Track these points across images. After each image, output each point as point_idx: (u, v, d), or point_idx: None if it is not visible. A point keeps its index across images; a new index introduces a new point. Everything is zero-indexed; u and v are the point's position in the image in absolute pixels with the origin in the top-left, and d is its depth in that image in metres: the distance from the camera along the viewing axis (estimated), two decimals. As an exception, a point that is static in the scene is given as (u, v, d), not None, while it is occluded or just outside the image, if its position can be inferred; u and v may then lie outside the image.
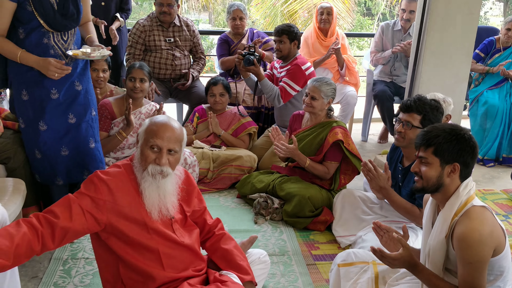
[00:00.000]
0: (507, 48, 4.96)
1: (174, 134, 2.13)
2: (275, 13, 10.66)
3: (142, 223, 2.10)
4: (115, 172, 2.13)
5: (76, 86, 2.91)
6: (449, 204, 2.10)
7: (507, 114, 4.75)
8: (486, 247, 1.98)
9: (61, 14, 2.75)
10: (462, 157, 2.06)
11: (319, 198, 3.43)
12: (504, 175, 4.43)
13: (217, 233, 2.39)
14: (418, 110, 2.85)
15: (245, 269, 2.27)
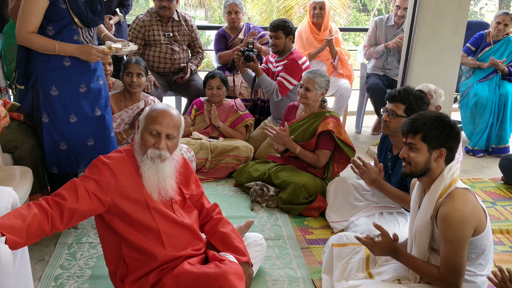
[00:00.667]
0: (497, 42, 5.08)
1: (173, 120, 2.27)
2: (271, 9, 10.78)
3: (143, 203, 2.24)
4: (117, 156, 2.28)
5: (99, 81, 3.05)
6: (434, 187, 2.24)
7: (496, 106, 4.89)
8: (467, 226, 2.11)
9: (91, 11, 2.87)
10: (448, 143, 2.21)
11: (313, 186, 3.57)
12: (493, 165, 4.58)
13: (215, 217, 2.53)
14: (402, 100, 2.97)
15: (241, 250, 2.41)
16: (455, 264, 2.14)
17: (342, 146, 3.62)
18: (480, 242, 2.20)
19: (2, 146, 3.00)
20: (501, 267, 1.99)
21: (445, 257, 2.16)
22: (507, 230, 3.46)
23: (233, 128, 4.35)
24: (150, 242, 2.26)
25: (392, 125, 3.02)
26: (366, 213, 3.24)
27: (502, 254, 3.15)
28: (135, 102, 3.78)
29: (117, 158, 2.27)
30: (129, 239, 2.25)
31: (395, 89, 3.05)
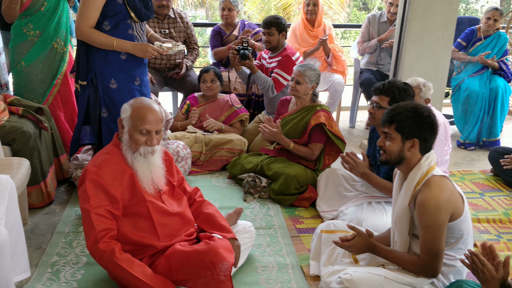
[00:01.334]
0: (487, 37, 5.16)
1: (158, 116, 2.38)
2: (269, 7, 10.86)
3: (141, 198, 2.35)
4: (106, 159, 2.35)
5: (146, 76, 3.16)
6: (411, 174, 2.32)
7: (486, 100, 4.97)
8: (442, 212, 2.19)
9: (144, 6, 2.97)
10: (420, 133, 2.28)
11: (304, 177, 3.66)
12: (483, 158, 4.65)
13: (197, 200, 2.66)
14: (386, 92, 3.05)
15: (227, 228, 2.54)
16: (433, 249, 2.22)
17: (333, 139, 3.71)
18: (458, 227, 2.28)
19: (1, 138, 3.09)
20: (472, 251, 2.07)
21: (423, 242, 2.24)
22: (493, 219, 3.54)
23: (229, 122, 4.44)
24: (145, 235, 2.37)
25: (377, 117, 3.11)
26: (355, 202, 3.33)
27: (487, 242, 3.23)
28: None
29: (108, 162, 2.34)
30: (122, 232, 2.35)
31: (381, 82, 3.13)
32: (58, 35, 3.63)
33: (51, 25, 3.57)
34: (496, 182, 4.17)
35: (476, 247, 3.15)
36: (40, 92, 3.63)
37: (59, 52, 3.67)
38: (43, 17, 3.54)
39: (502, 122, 5.10)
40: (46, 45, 3.59)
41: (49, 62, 3.62)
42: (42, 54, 3.58)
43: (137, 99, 2.44)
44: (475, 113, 5.00)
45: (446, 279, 2.35)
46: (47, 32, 3.57)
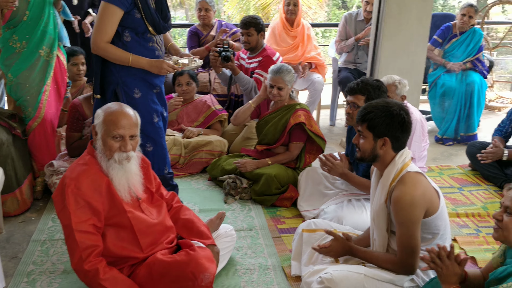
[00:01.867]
0: (463, 33, 5.21)
1: (131, 120, 2.30)
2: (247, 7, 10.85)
3: (120, 208, 2.28)
4: (83, 170, 2.26)
5: (163, 83, 3.13)
6: (386, 172, 2.33)
7: (463, 96, 5.01)
8: (417, 208, 2.21)
9: (162, 18, 2.93)
10: (390, 132, 2.28)
11: (285, 176, 3.65)
12: (461, 153, 4.69)
13: (175, 206, 2.61)
14: (361, 91, 3.06)
15: (205, 234, 2.50)
16: (409, 245, 2.23)
17: (314, 137, 3.71)
18: (434, 223, 2.29)
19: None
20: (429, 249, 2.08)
21: (399, 239, 2.26)
22: (472, 213, 3.57)
23: (208, 123, 4.41)
24: (127, 246, 2.31)
25: (355, 117, 3.10)
26: (335, 200, 3.33)
27: (466, 237, 3.26)
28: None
29: (86, 172, 2.26)
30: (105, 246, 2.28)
31: (353, 82, 3.13)
32: (44, 42, 3.46)
33: (36, 33, 3.41)
34: (475, 176, 4.21)
35: (455, 241, 3.18)
36: (31, 101, 3.47)
37: (45, 60, 3.49)
38: (28, 27, 3.38)
39: (479, 117, 5.15)
40: (32, 55, 3.42)
41: (35, 70, 3.45)
42: (28, 64, 3.42)
43: (110, 104, 2.37)
44: (452, 108, 5.04)
45: (426, 275, 2.36)
46: (33, 42, 3.41)
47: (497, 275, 1.94)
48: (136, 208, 2.37)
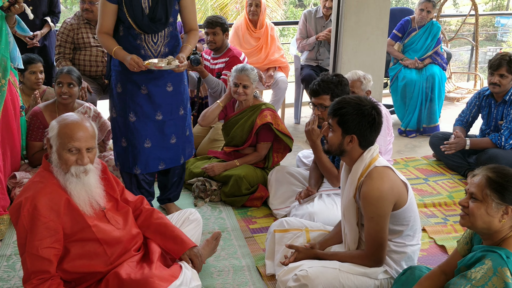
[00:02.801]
0: (421, 27, 5.32)
1: (88, 132, 2.19)
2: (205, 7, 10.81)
3: (84, 224, 2.19)
4: (40, 188, 2.15)
5: (167, 87, 3.07)
6: (355, 167, 2.35)
7: (423, 88, 5.13)
8: (385, 202, 2.24)
9: (150, 18, 2.90)
10: (359, 130, 2.30)
11: (254, 176, 3.64)
12: (425, 144, 4.79)
13: (145, 209, 2.52)
14: (324, 91, 3.08)
15: (180, 238, 2.45)
16: (378, 239, 2.27)
17: (281, 136, 3.71)
18: (403, 215, 2.33)
19: None
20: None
21: (368, 233, 2.29)
22: (439, 203, 3.65)
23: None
24: (94, 262, 2.24)
25: (325, 117, 3.13)
26: (305, 198, 3.34)
27: (435, 226, 3.33)
28: (70, 111, 3.59)
29: (41, 191, 2.14)
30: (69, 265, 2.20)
31: (313, 83, 3.13)
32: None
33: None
34: (439, 166, 4.31)
35: (424, 231, 3.24)
36: None
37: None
38: None
39: (440, 108, 5.27)
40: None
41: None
42: None
43: (65, 115, 2.25)
44: (414, 101, 5.14)
45: (399, 266, 2.39)
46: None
47: (466, 262, 1.97)
48: (102, 219, 2.28)
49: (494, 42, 18.34)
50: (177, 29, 3.14)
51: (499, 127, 3.98)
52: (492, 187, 1.88)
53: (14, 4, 2.92)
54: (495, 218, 1.88)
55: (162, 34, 3.02)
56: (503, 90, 3.91)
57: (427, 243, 3.13)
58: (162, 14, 2.94)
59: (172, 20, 3.03)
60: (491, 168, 1.92)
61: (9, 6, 2.94)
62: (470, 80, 7.50)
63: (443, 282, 2.09)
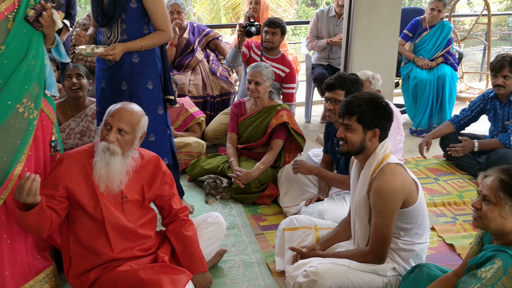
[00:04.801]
0: (432, 27, 5.32)
1: (127, 115, 2.33)
2: (218, 8, 10.86)
3: (93, 195, 2.32)
4: (77, 151, 2.41)
5: (122, 86, 3.07)
6: (368, 163, 2.38)
7: (434, 87, 5.13)
8: (396, 198, 2.27)
9: (101, 11, 2.98)
10: (381, 123, 2.35)
11: (264, 174, 3.69)
12: (435, 144, 4.76)
13: (182, 218, 2.59)
14: (340, 86, 3.11)
15: (197, 256, 2.50)
16: (383, 235, 2.30)
17: (295, 136, 3.76)
18: (412, 213, 2.36)
19: None
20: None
21: (375, 228, 2.32)
22: (448, 202, 3.67)
23: (185, 126, 4.42)
24: (96, 238, 2.33)
25: (337, 112, 3.16)
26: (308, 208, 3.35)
27: (444, 225, 3.35)
28: (81, 109, 3.65)
29: (75, 153, 2.38)
30: (76, 232, 2.33)
31: (330, 77, 3.17)
32: (25, 93, 2.32)
33: (15, 78, 2.28)
34: (449, 166, 4.32)
35: (434, 230, 3.26)
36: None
37: (25, 119, 2.33)
38: (3, 68, 2.26)
39: (451, 108, 5.27)
40: (6, 109, 2.27)
41: (8, 134, 2.29)
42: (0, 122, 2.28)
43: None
44: (424, 100, 5.15)
45: (407, 264, 2.42)
46: (8, 90, 2.26)
47: (476, 260, 1.98)
48: (117, 205, 2.38)
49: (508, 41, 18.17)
50: (145, 30, 3.05)
51: (506, 128, 3.98)
52: (505, 190, 1.88)
53: (41, 13, 2.31)
54: (508, 220, 1.89)
55: (116, 30, 3.01)
56: (508, 91, 3.92)
57: (436, 242, 3.15)
58: (110, 9, 2.95)
59: (125, 17, 2.97)
60: (504, 170, 1.92)
61: (36, 17, 2.30)
62: (482, 80, 7.48)
63: (454, 284, 2.09)
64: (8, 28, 2.25)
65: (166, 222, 2.62)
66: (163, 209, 2.61)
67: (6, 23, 2.26)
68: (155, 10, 3.00)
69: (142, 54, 3.05)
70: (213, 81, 4.90)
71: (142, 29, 3.04)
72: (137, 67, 3.05)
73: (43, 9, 2.30)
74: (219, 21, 10.81)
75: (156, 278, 2.21)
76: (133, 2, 2.96)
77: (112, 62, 3.01)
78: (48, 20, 2.34)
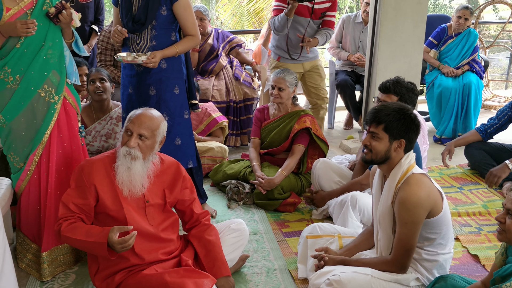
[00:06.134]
0: (458, 34, 5.28)
1: (147, 121, 2.39)
2: (241, 12, 10.90)
3: (117, 202, 2.38)
4: (98, 159, 2.46)
5: (150, 91, 3.15)
6: (393, 173, 2.38)
7: (460, 96, 5.09)
8: (421, 209, 2.26)
9: (132, 18, 3.05)
10: (408, 134, 2.34)
11: (287, 181, 3.70)
12: (460, 152, 4.73)
13: (203, 223, 2.62)
14: (395, 91, 3.11)
15: (220, 260, 2.52)
16: (407, 245, 2.29)
17: (318, 142, 3.77)
18: (437, 223, 2.35)
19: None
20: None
21: (399, 239, 2.31)
22: (473, 212, 3.63)
23: (208, 131, 4.45)
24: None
25: None
26: (340, 197, 3.36)
27: (468, 235, 3.32)
28: (106, 112, 3.73)
29: (98, 161, 2.43)
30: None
31: (388, 80, 3.16)
32: (45, 79, 2.68)
33: (35, 66, 2.64)
34: (474, 175, 4.27)
35: (458, 240, 3.23)
36: (23, 153, 2.73)
37: (46, 102, 2.70)
38: (23, 56, 2.62)
39: (477, 116, 5.22)
40: (28, 94, 2.66)
41: (33, 116, 2.70)
42: (24, 106, 2.67)
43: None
44: (449, 108, 5.11)
45: (430, 274, 2.41)
46: (29, 76, 2.64)
47: (501, 273, 1.97)
48: (139, 209, 2.42)
49: (535, 48, 17.85)
50: (172, 36, 3.14)
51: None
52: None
53: (61, 11, 2.62)
54: None
55: (145, 36, 3.08)
56: None
57: (460, 252, 3.12)
58: (141, 16, 3.02)
59: (155, 24, 3.05)
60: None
61: (56, 14, 2.62)
62: (508, 88, 7.37)
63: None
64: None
65: (188, 227, 2.65)
66: (184, 214, 2.63)
67: (25, 17, 2.60)
68: (185, 17, 3.09)
69: (169, 60, 3.12)
70: (236, 87, 4.93)
71: (170, 36, 3.12)
72: (165, 73, 3.13)
73: (63, 7, 2.63)
74: (242, 26, 10.85)
75: (181, 281, 2.24)
76: (163, 9, 3.03)
77: (141, 67, 3.10)
78: (67, 18, 2.65)
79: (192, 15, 3.13)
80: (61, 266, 2.86)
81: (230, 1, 11.28)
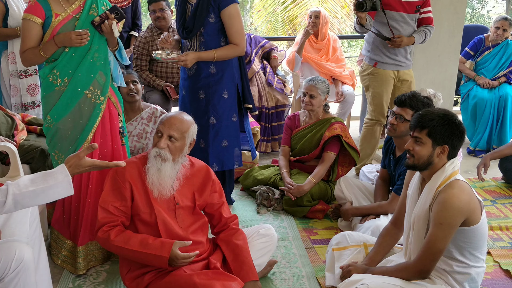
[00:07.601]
0: (496, 45, 5.20)
1: (177, 123, 2.45)
2: (275, 19, 10.95)
3: (149, 203, 2.43)
4: (131, 161, 2.51)
5: (200, 95, 3.31)
6: (435, 177, 2.36)
7: (495, 107, 5.00)
8: (460, 213, 2.24)
9: (182, 24, 3.21)
10: (451, 140, 2.32)
11: (317, 189, 3.70)
12: (494, 165, 4.64)
13: (232, 227, 2.65)
14: (411, 105, 3.09)
15: (248, 264, 2.53)
16: (435, 247, 2.26)
17: (349, 150, 3.77)
18: (472, 233, 2.31)
19: (20, 157, 3.16)
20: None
21: (429, 239, 2.28)
22: (506, 227, 3.56)
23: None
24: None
25: (399, 129, 3.14)
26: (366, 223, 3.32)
27: (501, 250, 3.26)
28: (137, 113, 3.78)
29: (132, 163, 2.48)
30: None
31: (403, 94, 3.16)
32: (92, 81, 2.78)
33: (82, 68, 2.74)
34: (508, 189, 4.19)
35: (489, 254, 3.18)
36: (68, 152, 2.80)
37: (92, 103, 2.81)
38: (71, 60, 2.73)
39: (512, 129, 5.12)
40: (76, 95, 2.77)
41: (80, 116, 2.80)
42: (71, 107, 2.78)
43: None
44: (484, 120, 5.03)
45: (461, 287, 2.38)
46: (76, 78, 2.75)
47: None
48: (169, 211, 2.47)
49: None
50: (222, 42, 3.23)
51: None
52: None
53: (105, 21, 2.69)
54: None
55: (195, 43, 3.22)
56: None
57: (492, 267, 3.07)
58: (190, 23, 3.15)
59: (204, 31, 3.17)
60: None
61: (100, 23, 2.70)
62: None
63: None
64: (75, 25, 2.72)
65: (216, 230, 2.68)
66: (213, 218, 2.67)
67: (73, 21, 2.72)
68: (230, 25, 3.18)
69: (219, 65, 3.23)
70: (268, 93, 4.96)
71: (219, 42, 3.23)
72: (213, 78, 3.24)
73: (107, 18, 2.71)
74: (276, 33, 10.89)
75: (209, 283, 2.28)
76: (211, 17, 3.14)
77: (192, 71, 3.24)
78: (108, 28, 2.73)
79: (239, 24, 3.21)
80: (93, 261, 2.94)
81: (265, 7, 11.35)
